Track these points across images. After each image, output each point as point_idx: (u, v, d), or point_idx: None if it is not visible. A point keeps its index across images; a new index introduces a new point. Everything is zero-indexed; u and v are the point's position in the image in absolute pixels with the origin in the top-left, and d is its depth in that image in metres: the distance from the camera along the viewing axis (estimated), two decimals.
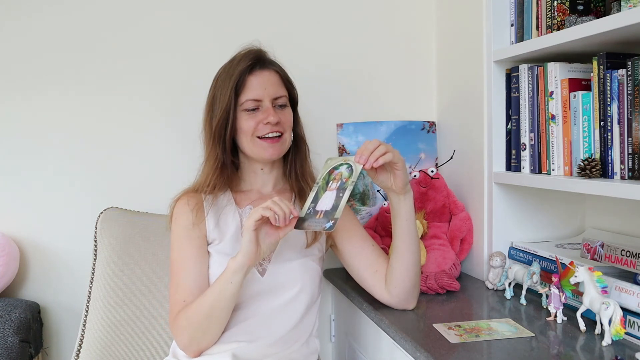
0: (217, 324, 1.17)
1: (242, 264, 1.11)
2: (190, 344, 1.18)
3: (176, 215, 1.29)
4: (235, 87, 1.25)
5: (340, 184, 1.12)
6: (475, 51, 1.55)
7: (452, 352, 1.07)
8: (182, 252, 1.25)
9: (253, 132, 1.26)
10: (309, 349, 1.29)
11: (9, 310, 1.42)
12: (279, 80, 1.31)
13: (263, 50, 1.33)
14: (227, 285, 1.12)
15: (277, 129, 1.27)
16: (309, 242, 1.29)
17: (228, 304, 1.15)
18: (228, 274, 1.12)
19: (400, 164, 1.17)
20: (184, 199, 1.30)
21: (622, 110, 1.14)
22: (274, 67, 1.31)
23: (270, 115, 1.25)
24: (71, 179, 1.62)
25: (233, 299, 1.15)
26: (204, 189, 1.29)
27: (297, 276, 1.26)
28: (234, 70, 1.26)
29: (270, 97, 1.27)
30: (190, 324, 1.16)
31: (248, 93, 1.26)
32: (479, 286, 1.51)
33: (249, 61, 1.27)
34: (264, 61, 1.30)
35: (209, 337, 1.18)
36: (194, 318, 1.15)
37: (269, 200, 1.11)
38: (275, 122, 1.26)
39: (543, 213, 1.55)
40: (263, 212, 1.09)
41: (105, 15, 1.63)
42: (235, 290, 1.13)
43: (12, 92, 1.59)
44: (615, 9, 1.15)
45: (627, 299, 1.12)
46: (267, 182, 1.35)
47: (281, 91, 1.30)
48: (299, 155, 1.36)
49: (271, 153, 1.27)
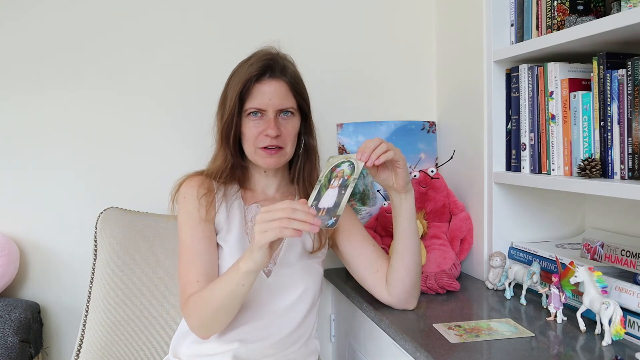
0: (228, 315, 1.16)
1: (255, 270, 1.09)
2: (200, 328, 1.18)
3: (185, 193, 1.28)
4: (240, 93, 1.24)
5: (342, 182, 1.12)
6: (475, 51, 1.55)
7: (452, 352, 1.07)
8: (192, 232, 1.23)
9: (254, 141, 1.25)
10: (308, 350, 1.30)
11: (9, 310, 1.42)
12: (287, 91, 1.26)
13: (279, 55, 1.28)
14: (239, 287, 1.11)
15: (276, 143, 1.24)
16: (315, 248, 1.29)
17: (238, 302, 1.14)
18: (240, 276, 1.10)
19: (402, 162, 1.17)
20: (194, 179, 1.29)
21: (622, 110, 1.14)
22: (284, 78, 1.26)
23: (269, 128, 1.23)
24: (71, 179, 1.62)
25: (243, 298, 1.14)
26: (216, 177, 1.29)
27: (301, 278, 1.26)
28: (244, 75, 1.24)
29: (274, 108, 1.24)
30: (200, 313, 1.16)
31: (253, 101, 1.24)
32: (479, 286, 1.51)
33: (258, 70, 1.23)
34: (275, 70, 1.25)
35: (218, 325, 1.18)
36: (204, 309, 1.15)
37: (282, 214, 1.01)
38: (275, 135, 1.23)
39: (543, 213, 1.55)
40: (279, 232, 1.01)
41: (107, 13, 1.63)
42: (246, 291, 1.12)
43: (11, 92, 1.59)
44: (615, 9, 1.15)
45: (627, 299, 1.12)
46: (270, 185, 1.35)
47: (287, 103, 1.26)
48: (307, 162, 1.34)
49: (269, 163, 1.26)
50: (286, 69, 1.27)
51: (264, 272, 1.24)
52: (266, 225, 1.02)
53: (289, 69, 1.28)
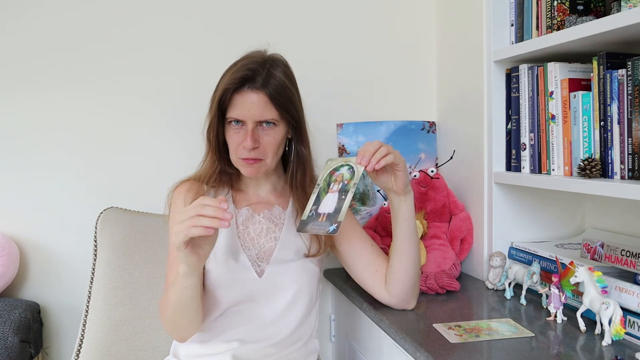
0: (185, 318, 1.16)
1: (189, 272, 1.08)
2: (170, 332, 1.23)
3: (175, 198, 1.28)
4: (219, 102, 1.21)
5: (342, 186, 1.11)
6: (475, 51, 1.55)
7: (452, 352, 1.07)
8: None
9: (235, 151, 1.23)
10: (308, 350, 1.30)
11: (9, 310, 1.42)
12: (267, 103, 1.19)
13: (267, 62, 1.22)
14: (183, 290, 1.10)
15: (254, 156, 1.21)
16: (314, 251, 1.28)
17: (189, 304, 1.13)
18: (180, 279, 1.09)
19: (402, 165, 1.17)
20: (185, 186, 1.30)
21: (622, 110, 1.14)
22: (265, 90, 1.18)
23: (246, 140, 1.19)
24: (71, 179, 1.63)
25: (195, 299, 1.12)
26: (205, 181, 1.29)
27: (295, 277, 1.25)
28: (224, 84, 1.20)
29: (253, 119, 1.19)
30: (164, 316, 1.20)
31: (232, 111, 1.21)
32: (479, 286, 1.51)
33: (237, 81, 1.18)
34: (255, 81, 1.18)
35: (183, 327, 1.19)
36: (166, 313, 1.18)
37: (192, 211, 0.98)
38: (251, 147, 1.19)
39: (543, 213, 1.55)
40: (188, 232, 0.97)
41: (107, 14, 1.63)
42: (194, 292, 1.11)
43: (11, 92, 1.59)
44: (615, 9, 1.15)
45: (627, 299, 1.12)
46: (261, 187, 1.34)
47: (267, 114, 1.19)
48: (299, 169, 1.31)
49: (249, 172, 1.24)
50: (269, 80, 1.19)
51: (257, 272, 1.23)
52: (178, 225, 0.99)
53: (274, 78, 1.20)
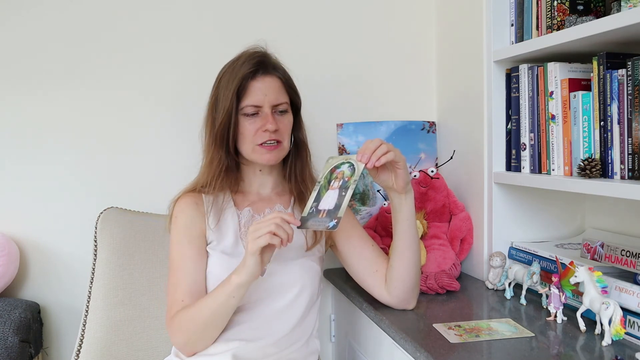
0: (215, 331, 1.19)
1: (247, 282, 1.12)
2: (186, 345, 1.20)
3: (176, 214, 1.29)
4: (237, 91, 1.24)
5: (343, 183, 1.12)
6: (475, 51, 1.55)
7: (452, 352, 1.07)
8: (181, 251, 1.25)
9: (252, 139, 1.26)
10: (309, 349, 1.30)
11: (9, 310, 1.42)
12: (281, 87, 1.29)
13: (268, 53, 1.31)
14: (230, 299, 1.13)
15: (275, 137, 1.26)
16: (309, 244, 1.29)
17: (227, 315, 1.17)
18: (231, 288, 1.12)
19: (402, 163, 1.17)
20: (184, 199, 1.30)
21: (622, 110, 1.14)
22: (277, 73, 1.29)
23: (268, 123, 1.24)
24: (71, 179, 1.62)
25: (232, 310, 1.17)
26: (205, 189, 1.29)
27: (297, 276, 1.26)
28: (237, 74, 1.25)
29: (270, 103, 1.26)
30: (188, 329, 1.18)
31: (249, 98, 1.25)
32: (479, 286, 1.51)
33: (252, 66, 1.25)
34: (267, 66, 1.28)
35: (205, 342, 1.20)
36: (192, 323, 1.17)
37: (272, 222, 1.08)
38: (274, 129, 1.24)
39: (543, 213, 1.55)
40: (270, 240, 1.07)
41: (107, 12, 1.63)
42: (236, 303, 1.15)
43: (11, 91, 1.59)
44: (615, 9, 1.15)
45: (627, 299, 1.12)
46: (265, 184, 1.35)
47: (282, 98, 1.28)
48: (299, 159, 1.35)
49: (268, 158, 1.27)
50: (276, 66, 1.31)
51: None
52: (258, 232, 1.08)
53: (279, 64, 1.32)
